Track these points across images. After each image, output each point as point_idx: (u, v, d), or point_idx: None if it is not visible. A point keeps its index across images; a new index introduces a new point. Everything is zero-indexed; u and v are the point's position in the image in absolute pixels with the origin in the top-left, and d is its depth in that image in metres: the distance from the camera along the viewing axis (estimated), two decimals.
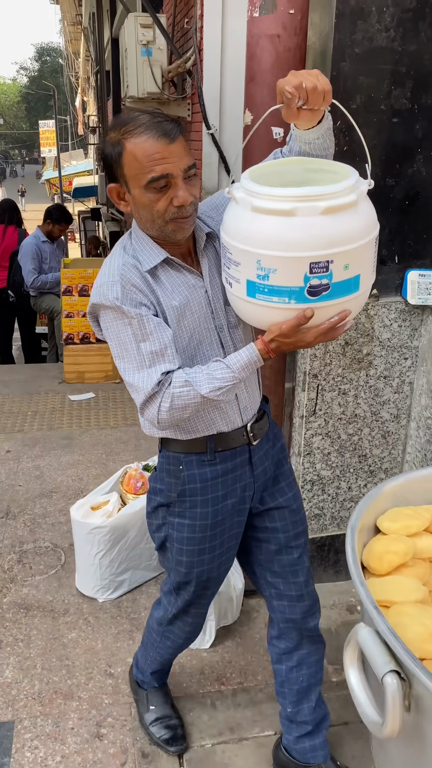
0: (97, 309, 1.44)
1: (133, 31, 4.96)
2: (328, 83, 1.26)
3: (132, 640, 2.37)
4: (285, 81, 1.24)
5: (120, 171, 1.37)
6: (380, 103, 2.06)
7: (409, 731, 0.77)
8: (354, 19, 1.95)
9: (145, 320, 1.38)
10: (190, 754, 1.93)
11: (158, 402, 1.39)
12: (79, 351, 4.82)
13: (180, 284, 1.46)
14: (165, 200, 1.35)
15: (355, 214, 1.21)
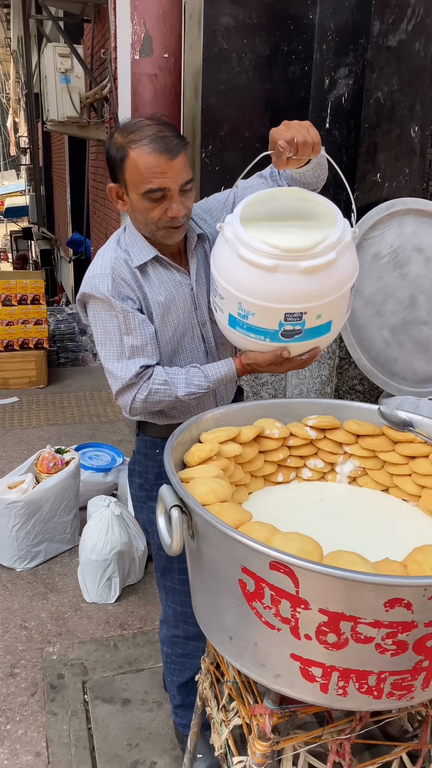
0: (87, 298, 1.53)
1: (52, 59, 5.36)
2: (317, 136, 1.31)
3: (46, 600, 2.66)
4: (278, 133, 1.29)
5: (121, 174, 1.44)
6: (244, 131, 2.47)
7: (195, 552, 1.13)
8: (218, 62, 2.36)
9: (131, 316, 1.49)
10: (92, 682, 2.23)
11: (134, 392, 1.51)
12: (3, 358, 5.05)
13: (167, 281, 1.55)
14: (160, 210, 1.43)
15: (333, 271, 1.30)
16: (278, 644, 1.01)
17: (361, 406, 1.52)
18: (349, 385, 2.40)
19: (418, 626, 0.93)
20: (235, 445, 1.35)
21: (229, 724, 1.31)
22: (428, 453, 1.36)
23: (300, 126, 1.30)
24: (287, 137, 1.28)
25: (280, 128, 1.31)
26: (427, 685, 1.03)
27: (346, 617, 0.93)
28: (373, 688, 1.00)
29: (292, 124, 1.31)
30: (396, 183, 2.25)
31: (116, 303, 1.49)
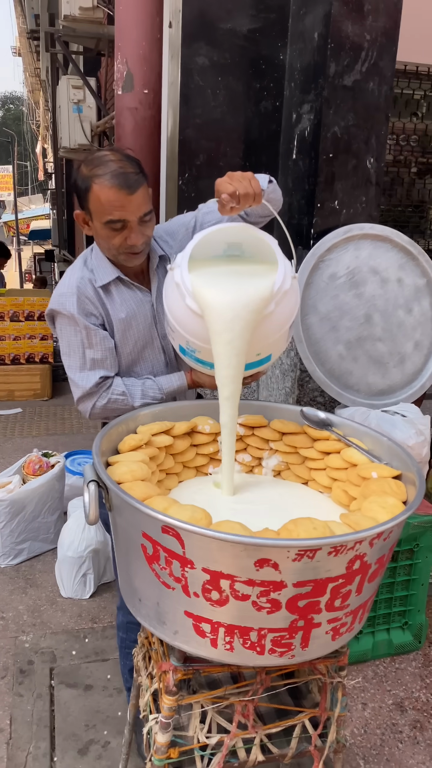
0: (54, 313, 1.67)
1: (65, 90, 5.66)
2: (258, 187, 1.39)
3: (25, 594, 2.82)
4: (222, 185, 1.37)
5: (86, 204, 1.56)
6: (219, 161, 2.67)
7: (113, 524, 1.30)
8: (195, 97, 2.57)
9: (93, 332, 1.63)
10: (59, 669, 2.38)
11: (94, 400, 1.66)
12: (9, 371, 5.28)
13: (129, 299, 1.69)
14: (120, 237, 1.56)
15: (272, 319, 1.40)
16: (174, 602, 1.16)
17: (287, 407, 1.68)
18: (310, 396, 2.56)
19: (287, 586, 1.08)
20: (167, 437, 1.52)
21: (151, 687, 1.46)
22: (340, 449, 1.51)
23: (242, 178, 1.37)
24: (229, 190, 1.35)
25: (224, 180, 1.38)
26: (306, 644, 1.17)
27: (224, 575, 1.08)
28: (256, 644, 1.15)
29: (235, 176, 1.38)
30: (353, 210, 2.43)
31: (80, 319, 1.65)
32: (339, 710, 1.40)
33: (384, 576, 2.39)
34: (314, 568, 1.07)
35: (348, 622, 1.21)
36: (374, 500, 1.26)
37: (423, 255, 2.48)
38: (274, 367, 2.74)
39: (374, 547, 1.13)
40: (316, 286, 2.36)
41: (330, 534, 1.11)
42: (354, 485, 1.44)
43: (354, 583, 1.15)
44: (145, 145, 2.51)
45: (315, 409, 1.61)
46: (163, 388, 1.72)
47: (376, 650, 2.47)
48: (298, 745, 1.40)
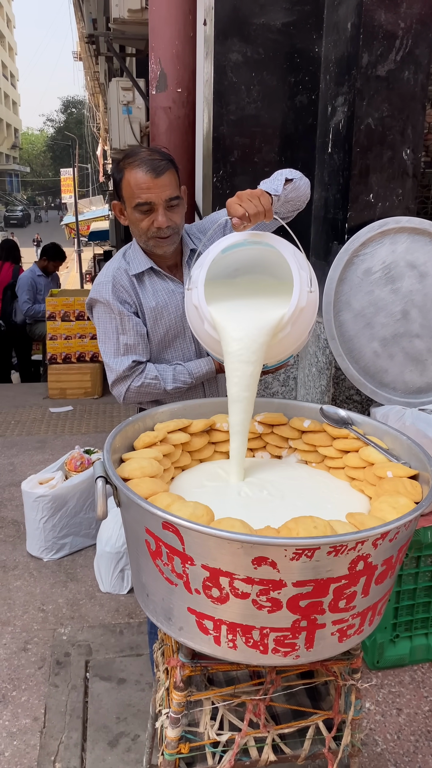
0: (93, 302, 1.78)
1: (115, 93, 5.76)
2: (268, 203, 1.43)
3: (65, 587, 2.89)
4: (232, 208, 1.40)
5: (120, 192, 1.69)
6: (254, 156, 2.66)
7: (123, 519, 1.31)
8: (228, 94, 2.57)
9: (126, 318, 1.73)
10: (94, 662, 2.43)
11: (128, 383, 1.75)
12: (61, 370, 5.42)
13: (161, 289, 1.79)
14: (148, 221, 1.67)
15: (288, 337, 1.42)
16: (178, 598, 1.17)
17: (308, 405, 1.65)
18: (346, 394, 2.51)
19: (287, 585, 1.07)
20: (183, 434, 1.52)
21: (166, 682, 1.47)
22: (358, 448, 1.48)
23: (251, 197, 1.41)
24: (239, 213, 1.39)
25: (233, 201, 1.41)
26: (310, 645, 1.15)
27: (223, 573, 1.08)
28: (258, 643, 1.14)
29: (243, 196, 1.41)
30: (389, 203, 2.37)
31: (115, 306, 1.75)
32: (353, 713, 1.37)
33: (422, 579, 2.33)
34: (314, 567, 1.06)
35: (356, 624, 1.19)
36: (385, 500, 1.23)
37: None
38: (311, 365, 2.70)
39: (379, 548, 1.10)
40: (350, 282, 2.31)
41: (331, 533, 1.09)
42: (370, 484, 1.40)
43: (359, 585, 1.12)
44: (180, 144, 2.52)
45: (335, 407, 1.58)
46: (192, 373, 1.80)
47: (413, 655, 2.40)
48: (312, 747, 1.38)
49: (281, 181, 1.58)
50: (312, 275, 1.45)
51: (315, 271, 2.70)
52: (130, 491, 1.16)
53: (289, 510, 1.30)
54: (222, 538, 1.03)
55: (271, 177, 1.64)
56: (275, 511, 1.31)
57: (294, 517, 1.20)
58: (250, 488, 1.43)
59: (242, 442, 1.47)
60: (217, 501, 1.33)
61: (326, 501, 1.39)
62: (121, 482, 1.20)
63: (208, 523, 1.13)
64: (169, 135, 2.60)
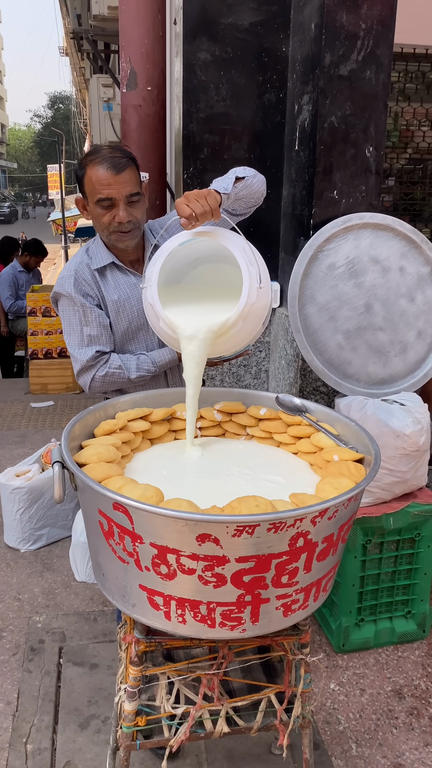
0: (57, 296, 1.85)
1: (96, 89, 5.79)
2: (215, 203, 1.48)
3: (41, 577, 2.94)
4: (179, 208, 1.45)
5: (82, 188, 1.74)
6: (223, 153, 2.71)
7: (81, 503, 1.37)
8: (197, 92, 2.62)
9: (89, 310, 1.80)
10: (68, 648, 2.48)
11: (93, 372, 1.81)
12: (43, 365, 5.45)
13: (123, 283, 1.84)
14: (109, 216, 1.73)
15: (240, 331, 1.50)
16: (130, 576, 1.23)
17: (265, 394, 1.72)
18: (312, 386, 2.58)
19: (230, 561, 1.13)
20: (143, 422, 1.58)
21: (126, 660, 1.53)
22: (310, 434, 1.55)
23: (198, 197, 1.46)
24: (186, 213, 1.44)
25: (181, 202, 1.46)
26: (256, 619, 1.22)
27: (170, 550, 1.14)
28: (206, 617, 1.20)
29: (191, 196, 1.46)
30: (353, 199, 2.43)
31: (77, 298, 1.81)
32: (302, 686, 1.44)
33: (386, 564, 2.40)
34: (255, 543, 1.12)
35: (300, 599, 1.25)
36: (329, 481, 1.29)
37: (427, 243, 2.46)
38: (280, 357, 2.77)
39: (318, 525, 1.16)
40: (314, 277, 2.37)
41: (273, 508, 1.15)
42: (319, 468, 1.47)
43: (300, 561, 1.19)
44: (150, 141, 2.58)
45: (290, 396, 1.65)
46: (156, 362, 1.87)
47: (378, 638, 2.48)
48: (264, 719, 1.45)
49: (231, 179, 1.64)
50: (262, 270, 1.51)
51: (284, 265, 2.78)
52: (84, 475, 1.22)
53: (239, 485, 1.36)
54: (167, 517, 1.09)
55: (224, 175, 1.70)
56: (226, 486, 1.37)
57: (242, 495, 1.27)
58: (206, 463, 1.50)
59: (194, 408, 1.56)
60: (172, 477, 1.40)
61: (276, 474, 1.45)
62: (76, 467, 1.25)
63: (157, 503, 1.19)
64: (139, 132, 2.65)
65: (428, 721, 2.18)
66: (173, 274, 1.65)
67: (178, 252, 1.57)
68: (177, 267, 1.65)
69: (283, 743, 1.42)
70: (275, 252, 2.86)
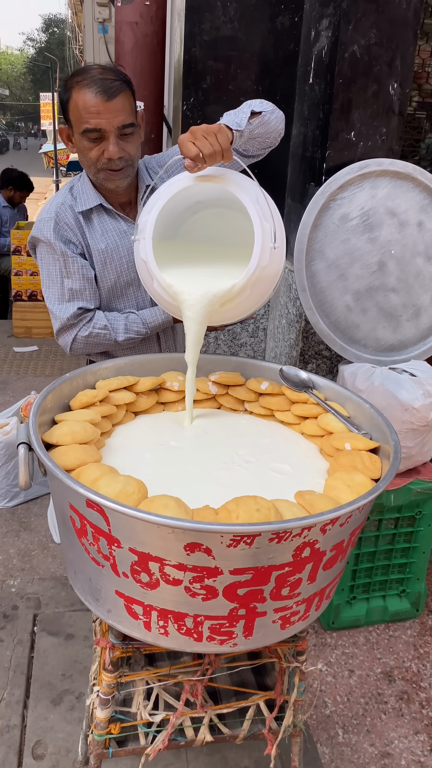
0: (35, 241, 1.62)
1: (90, 10, 5.32)
2: (226, 142, 1.25)
3: (17, 537, 2.79)
4: (184, 147, 1.22)
5: (67, 115, 1.50)
6: (228, 84, 2.42)
7: (49, 484, 1.19)
8: (202, 10, 2.31)
9: (71, 260, 1.56)
10: (43, 616, 2.35)
11: (75, 332, 1.59)
12: (27, 307, 5.19)
13: (111, 230, 1.61)
14: (97, 150, 1.48)
15: (248, 299, 1.30)
16: (105, 580, 1.05)
17: (268, 365, 1.52)
18: (315, 350, 2.38)
19: (223, 573, 0.96)
20: (128, 393, 1.38)
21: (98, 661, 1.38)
22: (318, 414, 1.36)
23: (207, 134, 1.23)
24: (192, 153, 1.21)
25: (185, 138, 1.23)
26: (249, 633, 1.05)
27: (153, 558, 0.96)
28: (192, 631, 1.03)
29: (198, 132, 1.23)
30: (372, 143, 2.18)
31: (58, 246, 1.56)
32: (296, 695, 1.30)
33: (382, 542, 2.26)
34: (254, 555, 0.94)
35: (300, 611, 1.09)
36: (340, 477, 1.11)
37: None
38: (281, 316, 2.55)
39: (328, 533, 0.99)
40: (325, 228, 2.14)
41: (276, 517, 0.97)
42: (327, 455, 1.29)
43: (304, 572, 1.02)
44: (147, 66, 2.28)
45: (296, 369, 1.45)
46: (147, 322, 1.64)
47: (370, 616, 2.36)
48: (251, 727, 1.32)
49: (246, 114, 1.39)
50: (277, 226, 1.28)
51: (290, 214, 2.53)
52: (53, 464, 1.02)
53: (239, 475, 1.18)
54: (150, 523, 0.91)
55: (237, 109, 1.45)
56: (223, 476, 1.18)
57: (241, 487, 1.09)
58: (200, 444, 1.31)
59: (194, 386, 1.40)
60: (159, 461, 1.21)
61: (283, 460, 1.26)
62: (43, 452, 1.06)
63: (140, 501, 1.01)
64: (135, 55, 2.35)
65: (418, 707, 2.08)
66: (171, 218, 1.42)
67: (179, 195, 1.34)
68: (175, 210, 1.42)
69: (272, 753, 1.29)
70: (280, 198, 2.60)
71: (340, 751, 1.92)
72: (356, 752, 1.92)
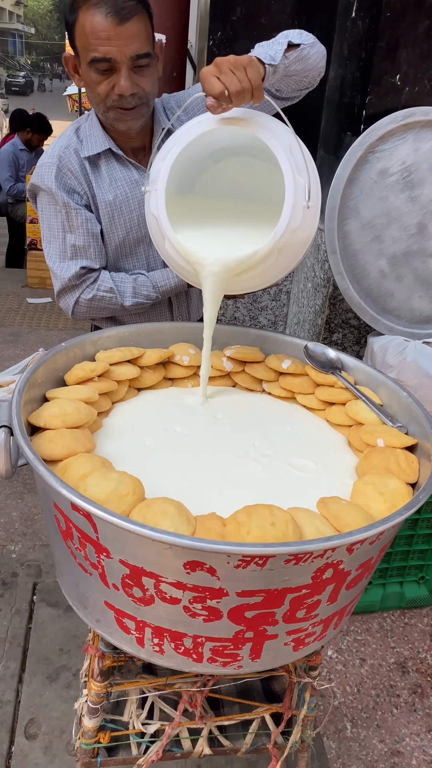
0: (35, 189, 1.43)
1: None
2: (257, 78, 1.05)
3: (21, 500, 2.69)
4: (207, 80, 1.02)
5: (73, 41, 1.29)
6: (260, 17, 2.17)
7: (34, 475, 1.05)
8: None
9: (74, 212, 1.38)
10: (43, 585, 2.26)
11: (77, 294, 1.43)
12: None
13: (121, 179, 1.42)
14: (107, 84, 1.27)
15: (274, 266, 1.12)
16: (93, 589, 0.92)
17: (290, 340, 1.35)
18: (342, 318, 2.19)
19: (229, 595, 0.81)
20: (131, 367, 1.23)
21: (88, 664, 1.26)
22: (346, 401, 1.19)
23: (234, 67, 1.02)
24: (216, 90, 1.01)
25: (209, 72, 1.02)
26: (257, 656, 0.92)
27: (147, 573, 0.82)
28: (191, 651, 0.90)
29: (224, 65, 1.03)
30: (419, 88, 1.94)
31: (59, 196, 1.38)
32: (305, 711, 1.17)
33: (402, 528, 2.12)
34: (266, 577, 0.80)
35: (317, 632, 0.95)
36: (371, 481, 0.95)
37: None
38: (306, 279, 2.36)
39: (355, 553, 0.84)
40: (361, 184, 1.92)
41: (294, 534, 0.82)
42: (356, 449, 1.13)
43: (324, 593, 0.87)
44: None
45: (324, 346, 1.28)
46: (158, 286, 1.47)
47: (385, 602, 2.24)
48: (254, 741, 1.20)
49: (283, 45, 1.18)
50: (313, 181, 1.09)
51: (323, 166, 2.30)
52: (34, 456, 0.88)
53: (253, 472, 1.02)
54: (144, 537, 0.76)
55: (272, 40, 1.23)
56: (235, 473, 1.02)
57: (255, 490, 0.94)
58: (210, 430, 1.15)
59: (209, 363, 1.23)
60: (162, 449, 1.06)
61: (305, 455, 1.09)
62: (25, 440, 0.91)
63: (135, 504, 0.86)
64: None
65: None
66: (189, 167, 1.23)
67: (199, 138, 1.14)
68: (195, 158, 1.23)
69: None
70: (312, 148, 2.37)
71: (347, 747, 1.82)
72: (364, 748, 1.82)
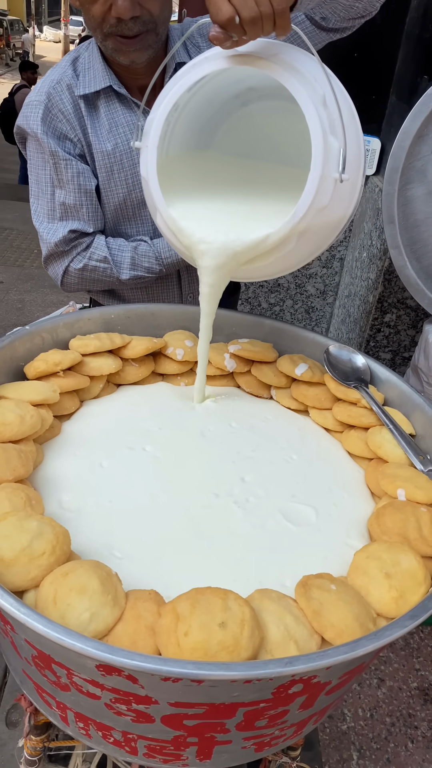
0: (21, 132, 1.18)
1: None
2: (281, 2, 0.74)
3: None
4: (213, 4, 0.74)
5: None
6: None
7: None
8: None
9: (64, 163, 1.15)
10: None
11: (66, 262, 1.22)
12: None
13: (123, 124, 1.17)
14: (102, 4, 1.01)
15: (295, 252, 0.88)
16: (10, 651, 0.74)
17: (314, 337, 1.10)
18: (397, 297, 1.89)
19: (159, 703, 0.61)
20: (112, 359, 1.02)
21: None
22: (368, 426, 0.94)
23: None
24: (222, 17, 0.73)
25: None
26: (206, 757, 0.72)
27: (56, 662, 0.63)
28: (123, 744, 0.72)
29: None
30: None
31: (46, 143, 1.13)
32: None
33: None
34: (206, 692, 0.59)
35: (287, 734, 0.74)
36: (377, 555, 0.72)
37: None
38: (362, 247, 2.06)
39: (333, 669, 0.62)
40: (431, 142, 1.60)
41: (248, 639, 0.60)
42: (376, 494, 0.89)
43: (293, 704, 0.66)
44: None
45: (352, 351, 1.03)
46: (161, 257, 1.22)
47: None
48: None
49: None
50: (351, 143, 0.81)
51: (392, 116, 1.96)
52: None
53: (230, 521, 0.80)
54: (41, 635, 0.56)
55: None
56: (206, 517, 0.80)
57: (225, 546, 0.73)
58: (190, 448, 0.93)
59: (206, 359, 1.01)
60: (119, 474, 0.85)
61: (305, 497, 0.86)
62: None
63: (51, 567, 0.67)
64: None
65: None
66: (209, 111, 0.97)
67: (221, 73, 0.87)
68: (215, 100, 0.96)
69: None
70: (384, 95, 2.03)
71: None
72: None
